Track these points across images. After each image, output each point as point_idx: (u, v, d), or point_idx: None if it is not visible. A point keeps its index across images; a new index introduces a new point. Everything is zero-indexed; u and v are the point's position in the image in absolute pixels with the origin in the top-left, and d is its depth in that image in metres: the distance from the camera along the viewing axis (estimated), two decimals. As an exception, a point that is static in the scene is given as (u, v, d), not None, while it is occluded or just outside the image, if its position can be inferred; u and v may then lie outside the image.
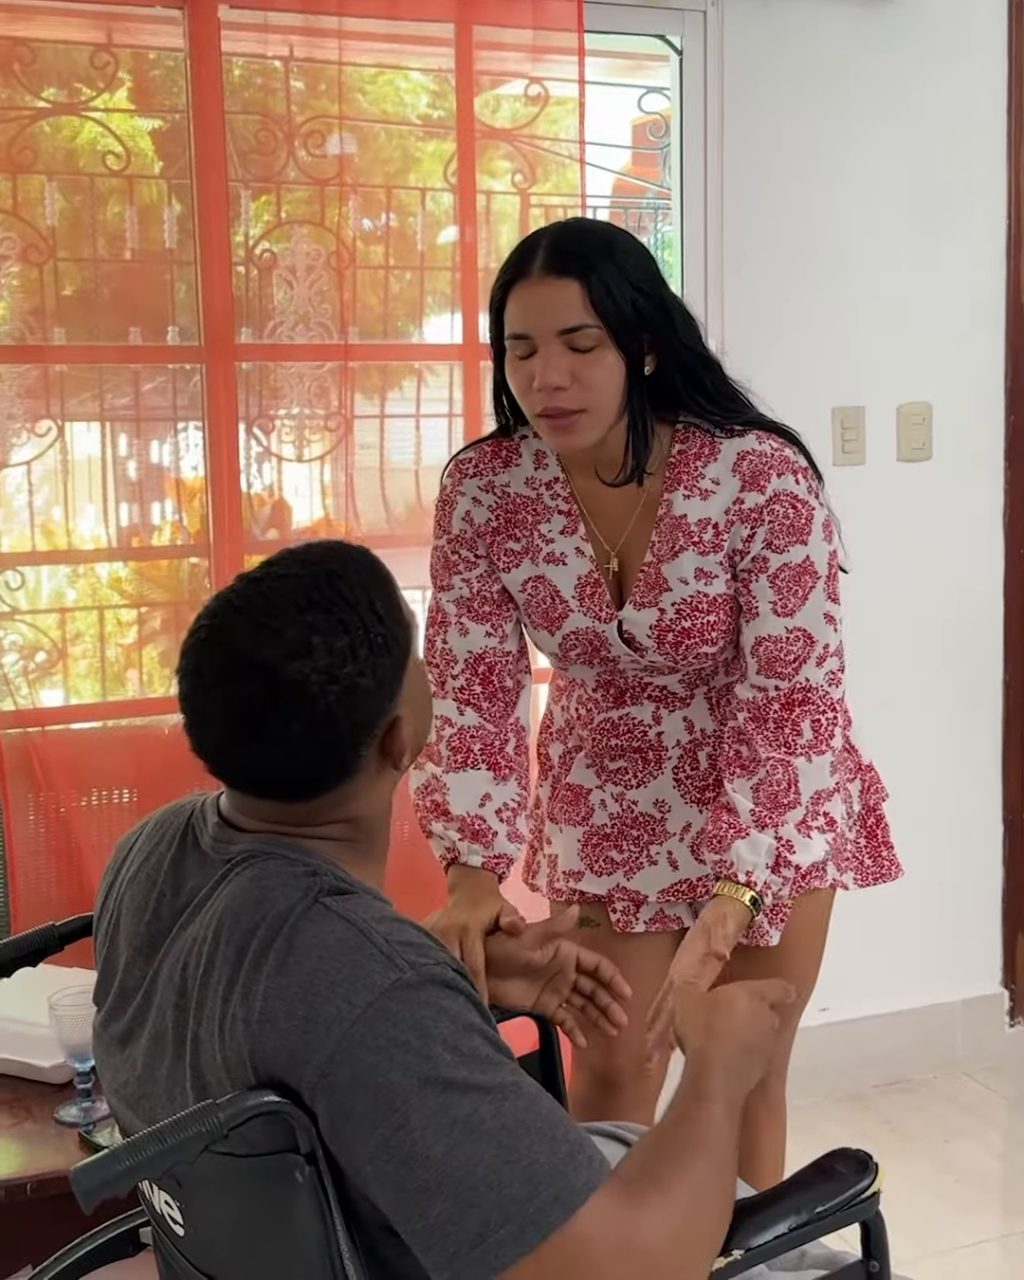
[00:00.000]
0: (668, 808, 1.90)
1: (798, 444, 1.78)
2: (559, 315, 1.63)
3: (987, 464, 3.08)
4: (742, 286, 2.87)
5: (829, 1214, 1.28)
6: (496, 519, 1.83)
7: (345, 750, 1.17)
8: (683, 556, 1.75)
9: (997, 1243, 2.53)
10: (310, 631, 1.14)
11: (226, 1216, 1.17)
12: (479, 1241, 1.01)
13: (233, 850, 1.19)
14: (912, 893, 3.07)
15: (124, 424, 2.68)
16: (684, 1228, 1.09)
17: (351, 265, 2.66)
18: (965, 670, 3.11)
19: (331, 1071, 1.04)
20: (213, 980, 1.12)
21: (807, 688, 1.75)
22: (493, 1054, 1.07)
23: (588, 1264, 1.02)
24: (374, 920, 1.11)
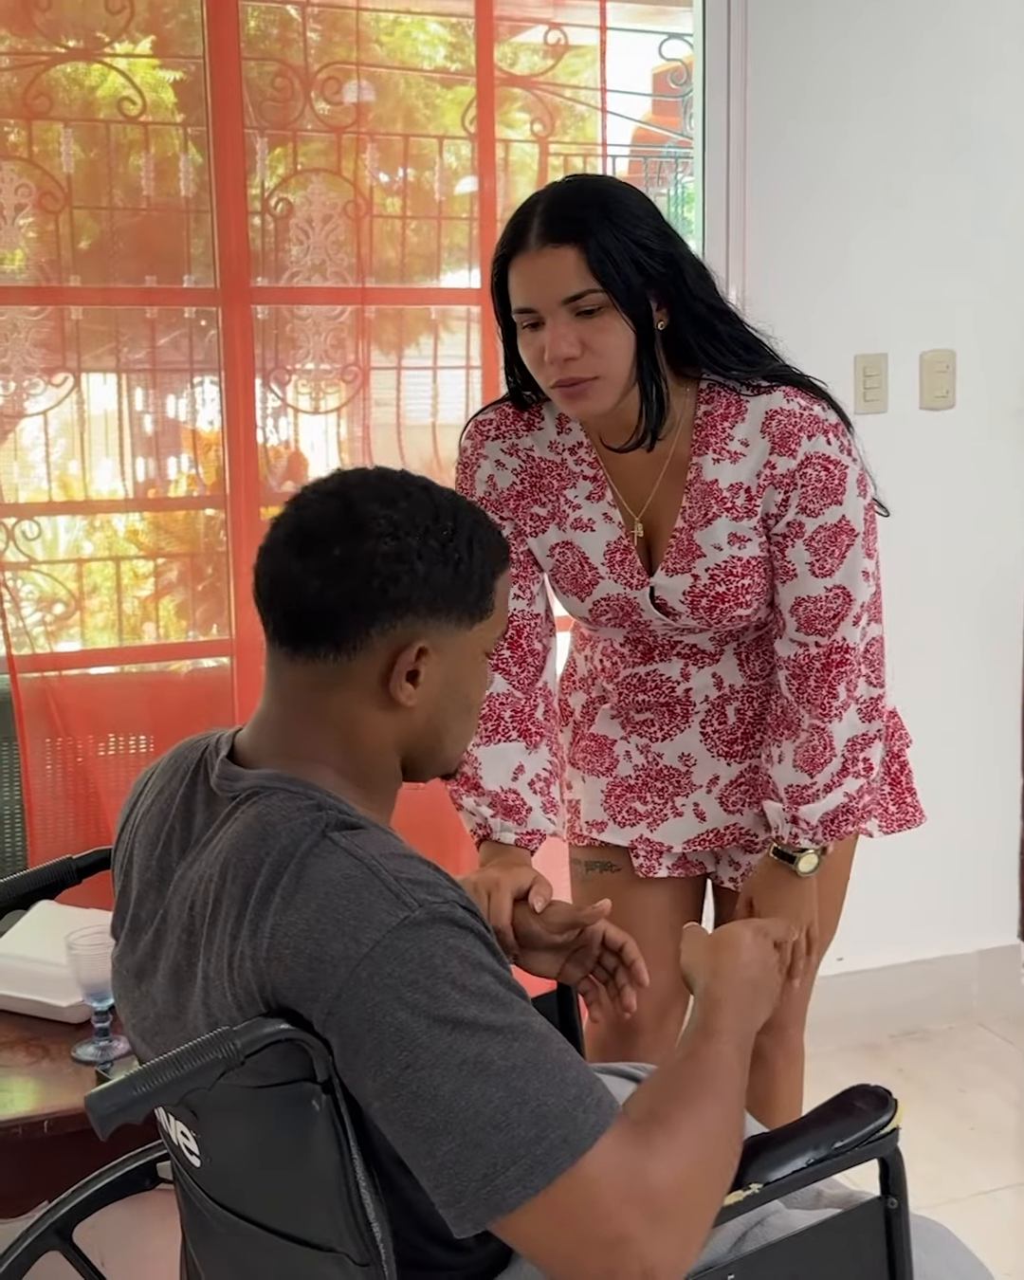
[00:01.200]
0: (694, 761, 1.89)
1: (826, 397, 1.75)
2: (561, 284, 1.59)
3: (1010, 413, 3.05)
4: (764, 234, 2.84)
5: (848, 1149, 1.27)
6: (521, 483, 1.80)
7: (361, 611, 1.16)
8: (717, 523, 1.73)
9: (1013, 1189, 2.53)
10: (405, 495, 1.19)
11: (243, 1146, 1.17)
12: (486, 1182, 1.01)
13: (238, 787, 1.18)
14: (930, 844, 3.07)
15: (140, 377, 2.67)
16: (692, 1169, 1.08)
17: (369, 214, 2.65)
18: (987, 621, 3.10)
19: (339, 1010, 1.03)
20: (220, 918, 1.12)
21: (844, 648, 1.75)
22: (503, 993, 1.06)
23: (595, 1206, 1.02)
24: (383, 856, 1.10)
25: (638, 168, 4.50)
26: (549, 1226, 1.03)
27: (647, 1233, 1.03)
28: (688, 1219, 1.07)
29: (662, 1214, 1.04)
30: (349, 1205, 1.09)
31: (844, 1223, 1.34)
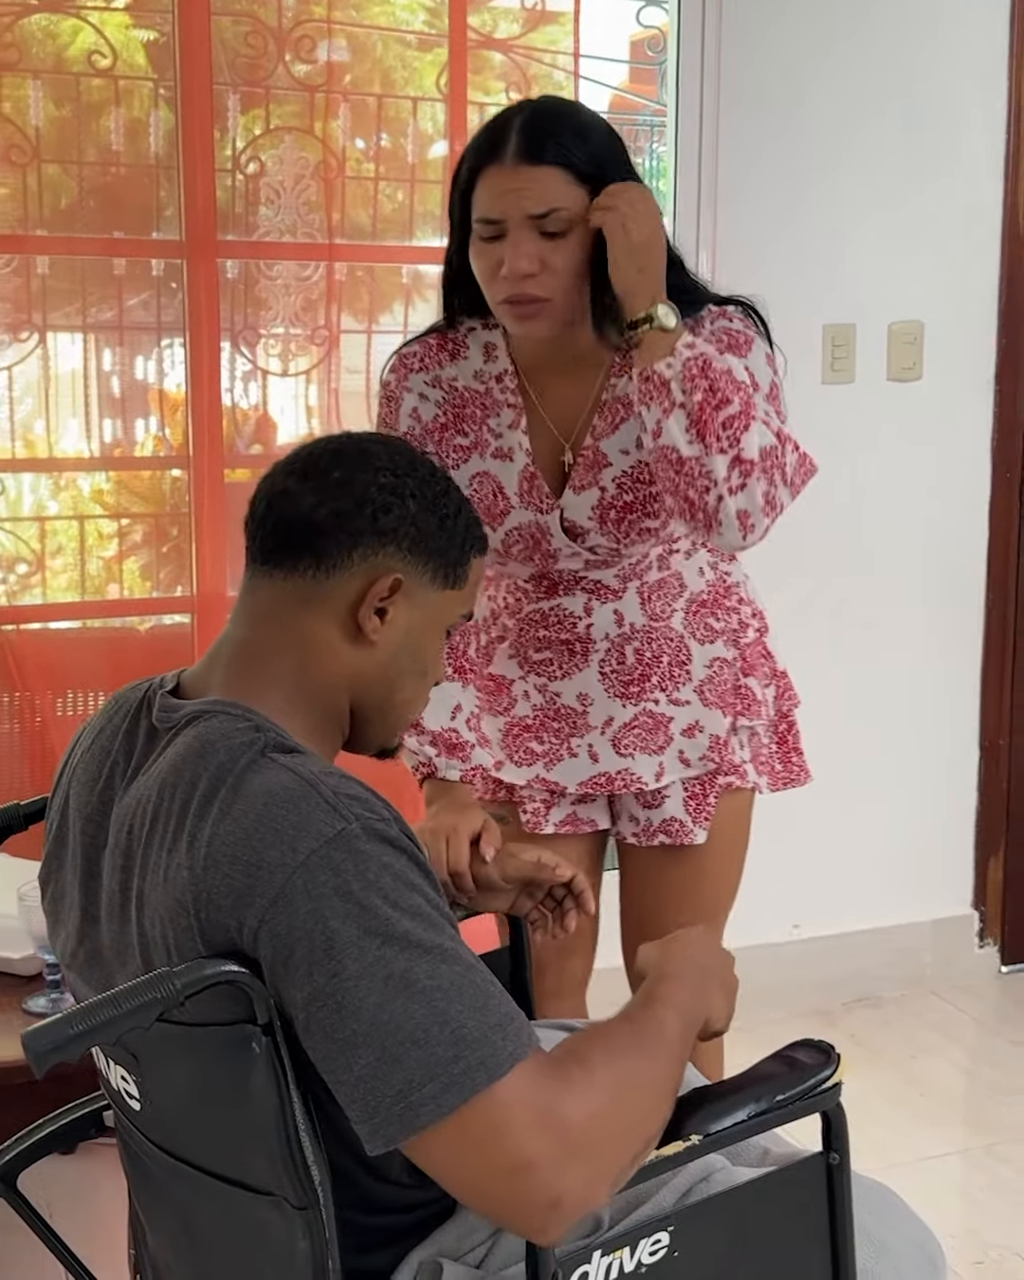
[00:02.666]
0: (591, 701, 1.88)
1: (754, 313, 1.75)
2: (535, 199, 1.59)
3: (977, 385, 3.06)
4: (735, 203, 2.83)
5: (789, 1103, 1.27)
6: (445, 414, 1.79)
7: (347, 530, 1.21)
8: (624, 428, 1.73)
9: (960, 1155, 2.56)
10: (408, 453, 1.28)
11: (183, 1089, 1.17)
12: (401, 1098, 1.02)
13: (176, 717, 1.19)
14: (886, 814, 3.11)
15: (108, 337, 2.66)
16: (607, 1108, 1.09)
17: (340, 175, 2.63)
18: (948, 593, 3.12)
19: (272, 917, 1.04)
20: (157, 835, 1.12)
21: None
22: (434, 915, 1.07)
23: (506, 1131, 1.03)
24: (322, 773, 1.10)
25: (613, 136, 4.51)
26: (459, 1148, 1.04)
27: (554, 1162, 1.04)
28: (598, 1155, 1.08)
29: (571, 1145, 1.05)
30: (288, 1149, 1.09)
31: (785, 1177, 1.35)
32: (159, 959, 1.10)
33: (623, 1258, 1.19)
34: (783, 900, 2.92)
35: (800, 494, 1.73)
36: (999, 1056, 2.92)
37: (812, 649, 2.96)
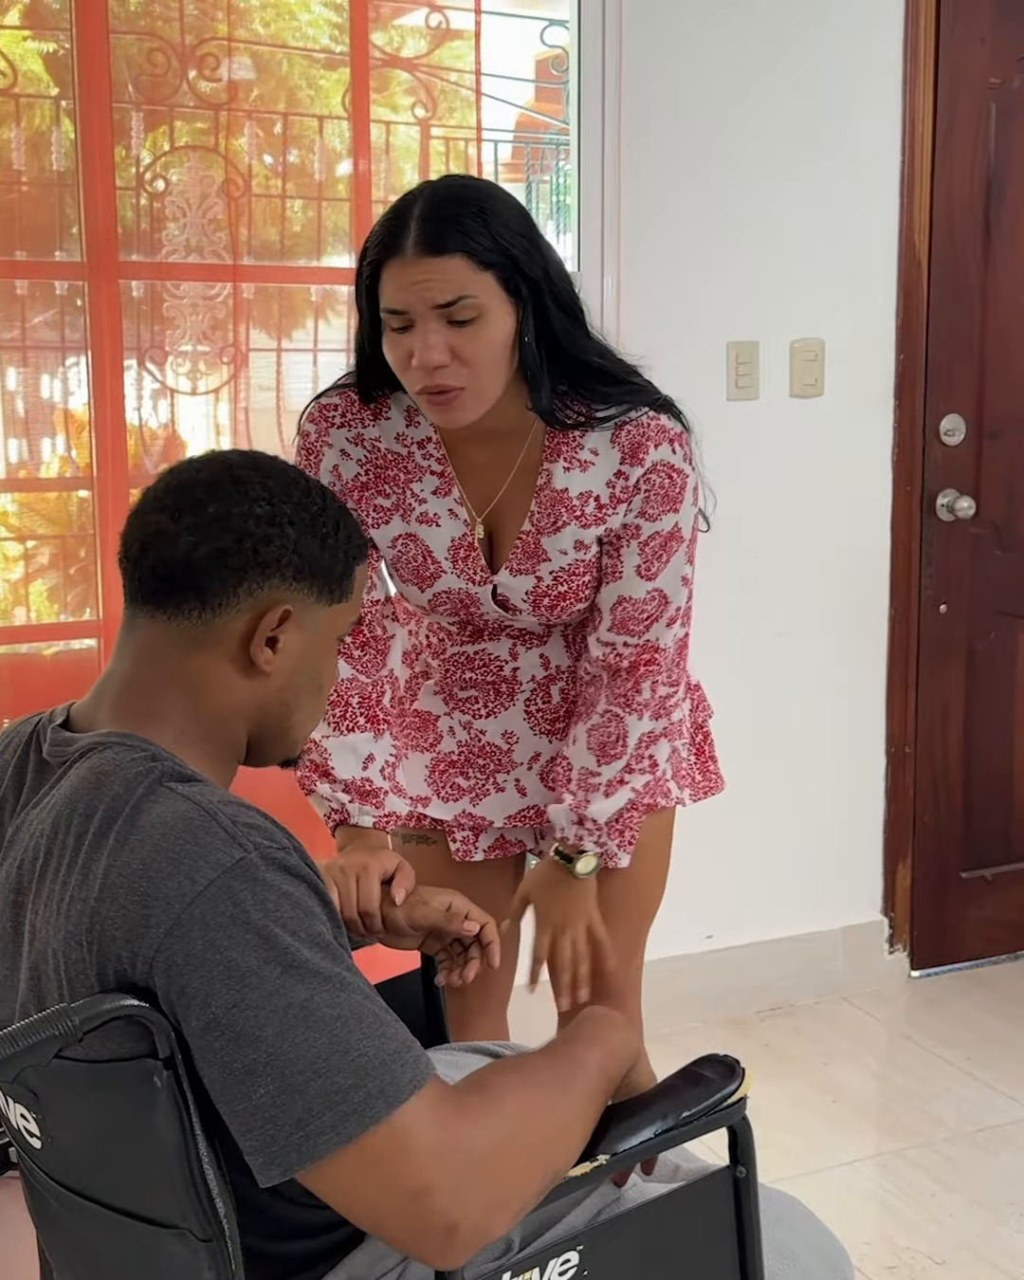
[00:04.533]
0: (516, 739, 1.90)
1: (672, 408, 1.75)
2: (438, 290, 1.57)
3: (877, 401, 3.12)
4: (638, 222, 2.86)
5: (695, 1119, 1.29)
6: (366, 474, 1.77)
7: (230, 569, 1.18)
8: (565, 530, 1.74)
9: (872, 1160, 2.59)
10: (282, 472, 1.25)
11: (84, 1125, 1.16)
12: (299, 1127, 1.02)
13: (69, 751, 1.18)
14: (796, 822, 3.15)
15: (12, 356, 2.63)
16: (509, 1137, 1.10)
17: (247, 193, 2.62)
18: (853, 604, 3.16)
19: (168, 947, 1.03)
20: (51, 869, 1.11)
21: (655, 648, 1.77)
22: (332, 945, 1.07)
23: (404, 1158, 1.03)
24: (220, 802, 1.10)
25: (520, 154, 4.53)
26: (358, 1176, 1.04)
27: (452, 1188, 1.04)
28: (498, 1183, 1.08)
29: (469, 1172, 1.06)
30: (191, 1180, 1.08)
31: (693, 1193, 1.36)
32: (51, 994, 1.09)
33: (532, 1278, 1.20)
34: (695, 910, 2.94)
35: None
36: (910, 1062, 2.96)
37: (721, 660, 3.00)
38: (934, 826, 3.30)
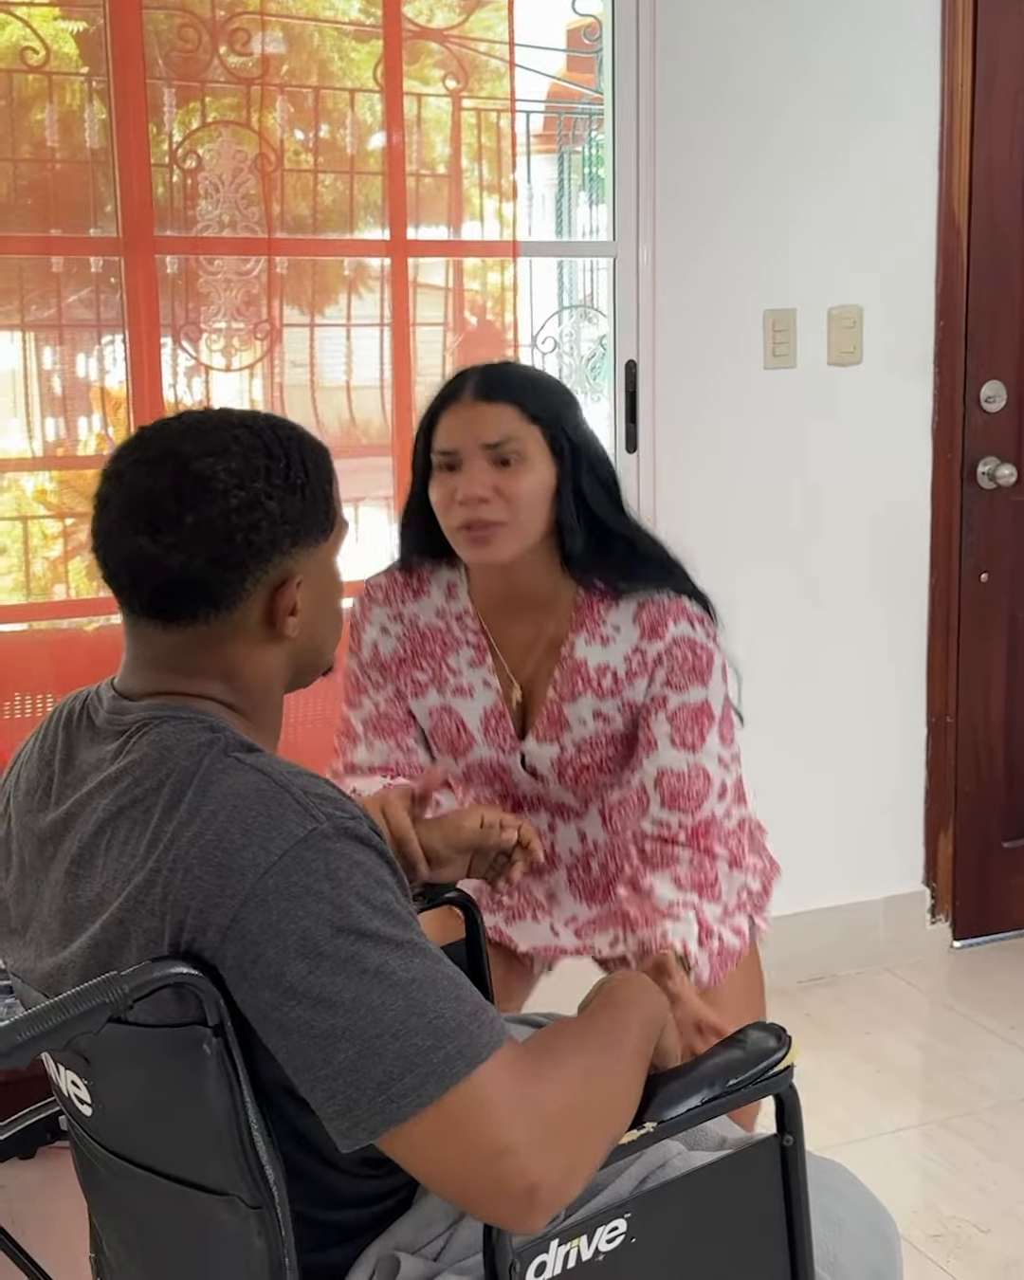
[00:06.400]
0: (557, 901, 1.94)
1: (698, 595, 1.81)
2: (488, 430, 1.70)
3: (916, 368, 3.09)
4: (674, 191, 2.84)
5: (741, 1086, 1.29)
6: (404, 649, 1.86)
7: (231, 569, 1.15)
8: (581, 700, 1.79)
9: (916, 1129, 2.60)
10: (234, 441, 1.17)
11: (134, 1092, 1.17)
12: (381, 1090, 1.02)
13: (126, 720, 1.18)
14: (838, 793, 3.14)
15: (48, 335, 2.64)
16: (579, 1099, 1.11)
17: (279, 168, 2.62)
18: (893, 574, 3.14)
19: (244, 916, 1.04)
20: (117, 840, 1.12)
21: (710, 820, 1.76)
22: (404, 912, 1.08)
23: (485, 1118, 1.04)
24: (290, 773, 1.11)
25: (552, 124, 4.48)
26: (438, 1138, 1.04)
27: (532, 1148, 1.05)
28: (573, 1145, 1.09)
29: (547, 1133, 1.06)
30: (241, 1148, 1.09)
31: (740, 1161, 1.36)
32: (116, 962, 1.09)
33: (580, 1246, 1.20)
34: (737, 883, 2.94)
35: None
36: (953, 1031, 2.96)
37: (761, 630, 2.99)
38: (976, 796, 3.29)
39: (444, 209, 2.80)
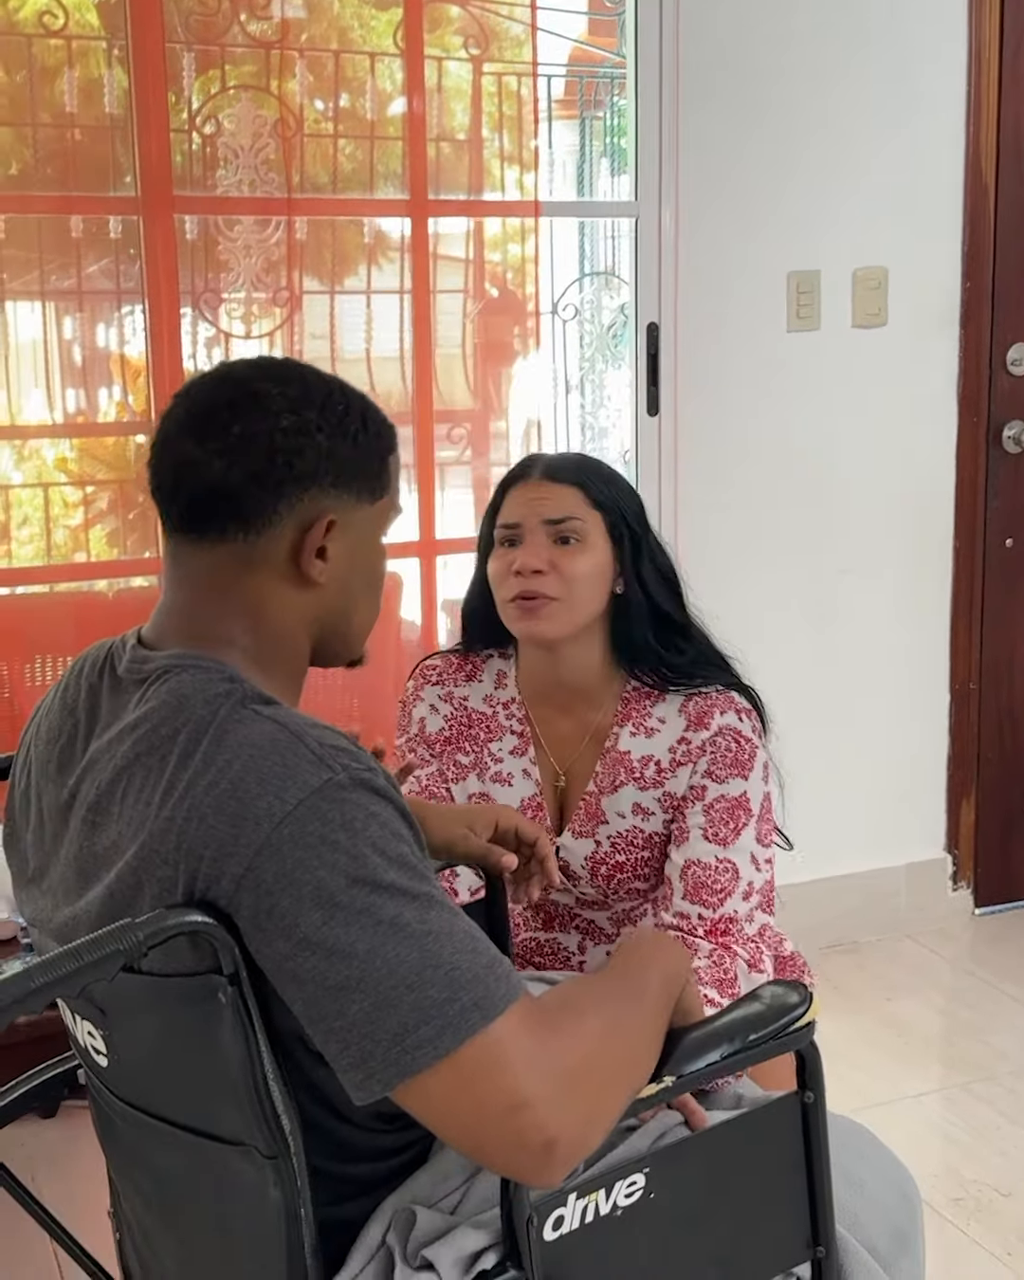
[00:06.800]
0: None
1: (747, 692, 1.81)
2: (551, 507, 1.74)
3: (942, 330, 3.06)
4: (697, 152, 2.82)
5: (762, 1042, 1.27)
6: (450, 729, 1.87)
7: (267, 487, 1.16)
8: (623, 791, 1.78)
9: (937, 1094, 2.59)
10: (299, 377, 1.21)
11: (149, 1041, 1.17)
12: (396, 1042, 1.02)
13: (146, 669, 1.17)
14: (860, 759, 3.12)
15: (68, 305, 2.63)
16: (597, 1052, 1.10)
17: (299, 133, 2.61)
18: (917, 538, 3.12)
19: (259, 866, 1.03)
20: (133, 788, 1.11)
21: (731, 918, 1.73)
22: (419, 865, 1.07)
23: (501, 1071, 1.03)
24: (306, 724, 1.10)
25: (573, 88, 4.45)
26: (454, 1091, 1.03)
27: (549, 1100, 1.04)
28: (591, 1098, 1.08)
29: (565, 1086, 1.05)
30: (256, 1098, 1.09)
31: (760, 1118, 1.36)
32: (130, 910, 1.09)
33: (598, 1200, 1.20)
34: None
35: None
36: (975, 997, 2.95)
37: (783, 596, 2.98)
38: (998, 763, 3.27)
39: (464, 178, 2.78)
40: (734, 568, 2.86)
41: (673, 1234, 1.27)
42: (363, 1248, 1.18)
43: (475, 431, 2.85)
